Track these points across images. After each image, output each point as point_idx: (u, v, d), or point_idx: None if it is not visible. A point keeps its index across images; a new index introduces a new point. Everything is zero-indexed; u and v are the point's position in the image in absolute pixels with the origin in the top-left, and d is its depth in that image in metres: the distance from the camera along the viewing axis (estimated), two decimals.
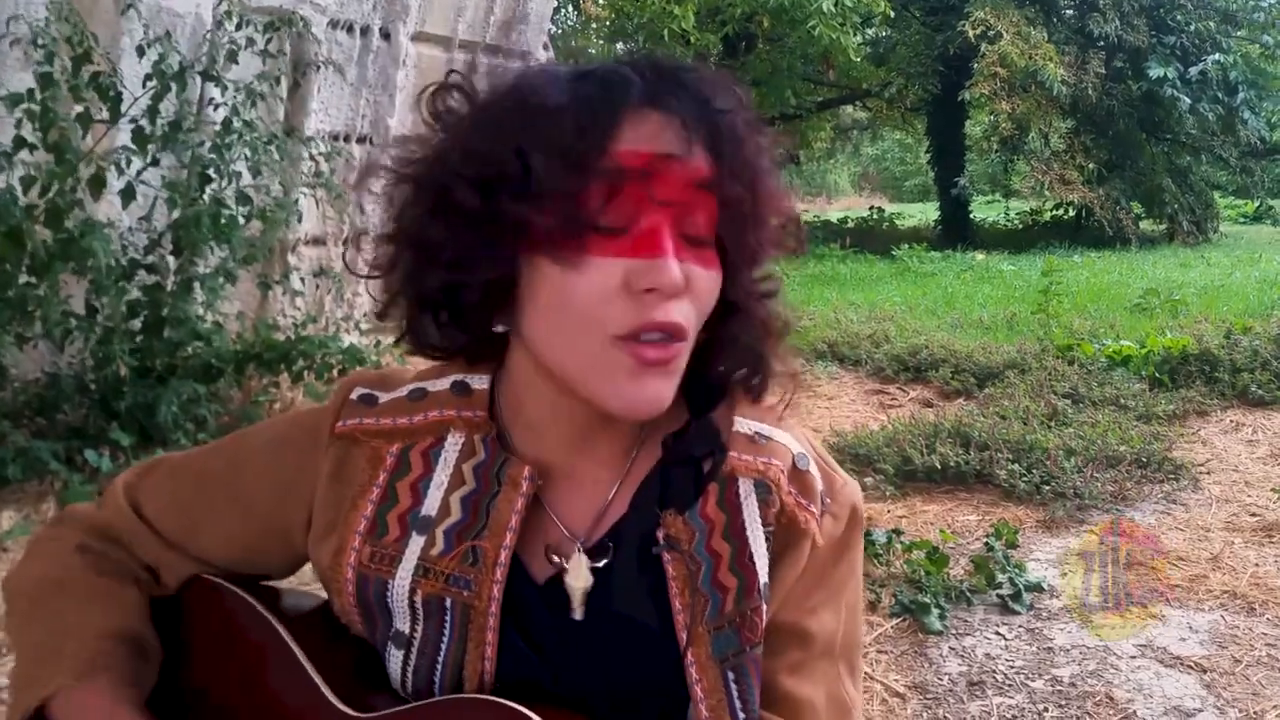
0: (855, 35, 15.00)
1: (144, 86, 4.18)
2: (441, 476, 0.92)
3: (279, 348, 4.74)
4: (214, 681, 1.00)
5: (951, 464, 4.25)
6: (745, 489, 0.91)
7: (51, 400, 4.37)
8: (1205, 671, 2.81)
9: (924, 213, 21.07)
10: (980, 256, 13.22)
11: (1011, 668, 2.87)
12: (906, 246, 13.34)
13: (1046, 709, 2.65)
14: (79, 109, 3.95)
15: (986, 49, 14.23)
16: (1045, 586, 3.32)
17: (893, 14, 14.80)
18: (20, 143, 3.82)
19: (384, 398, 0.97)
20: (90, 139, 4.15)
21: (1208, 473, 4.41)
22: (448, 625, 0.90)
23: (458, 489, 0.91)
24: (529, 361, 0.88)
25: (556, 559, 0.90)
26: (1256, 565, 3.47)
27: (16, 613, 1.00)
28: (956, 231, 16.25)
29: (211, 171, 4.45)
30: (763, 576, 0.89)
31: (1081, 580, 3.40)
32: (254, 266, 4.83)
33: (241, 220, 4.55)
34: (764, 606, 0.88)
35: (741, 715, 0.87)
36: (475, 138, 0.83)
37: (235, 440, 1.06)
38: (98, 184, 4.00)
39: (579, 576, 0.89)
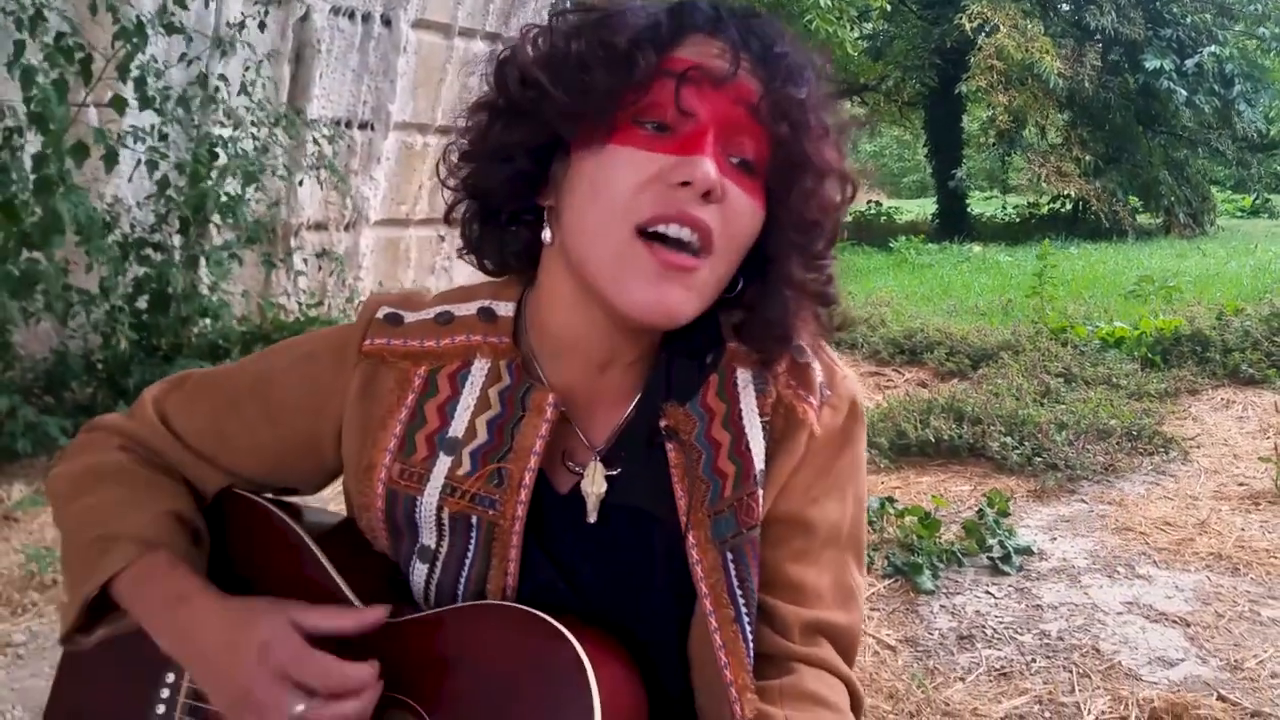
0: (852, 29, 15.06)
1: (112, 47, 4.18)
2: (468, 400, 0.96)
3: (287, 328, 4.81)
4: (253, 589, 1.04)
5: (945, 437, 4.32)
6: (743, 379, 0.95)
7: (59, 377, 4.45)
8: (1189, 625, 2.89)
9: (922, 208, 21.15)
10: (977, 248, 13.30)
11: (1001, 623, 2.94)
12: (904, 239, 13.41)
13: (1034, 660, 2.72)
14: (54, 76, 3.94)
15: (983, 42, 14.31)
16: (1035, 550, 3.40)
17: (889, 8, 14.85)
18: (36, 119, 3.87)
19: (410, 318, 1.00)
20: (74, 110, 4.14)
21: (1197, 446, 4.49)
22: (473, 541, 0.94)
23: (484, 412, 0.95)
24: (561, 273, 0.92)
25: (573, 466, 0.96)
26: (1242, 530, 3.54)
27: (66, 501, 1.02)
28: (954, 224, 16.33)
29: (220, 150, 4.53)
30: (758, 464, 0.92)
31: (1070, 543, 3.48)
32: (258, 247, 4.90)
33: (250, 201, 4.62)
34: (759, 492, 0.92)
35: (739, 592, 0.90)
36: (544, 45, 0.90)
37: (262, 357, 1.09)
38: (78, 151, 3.99)
39: (595, 482, 0.95)
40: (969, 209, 18.19)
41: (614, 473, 0.95)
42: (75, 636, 0.99)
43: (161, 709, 1.02)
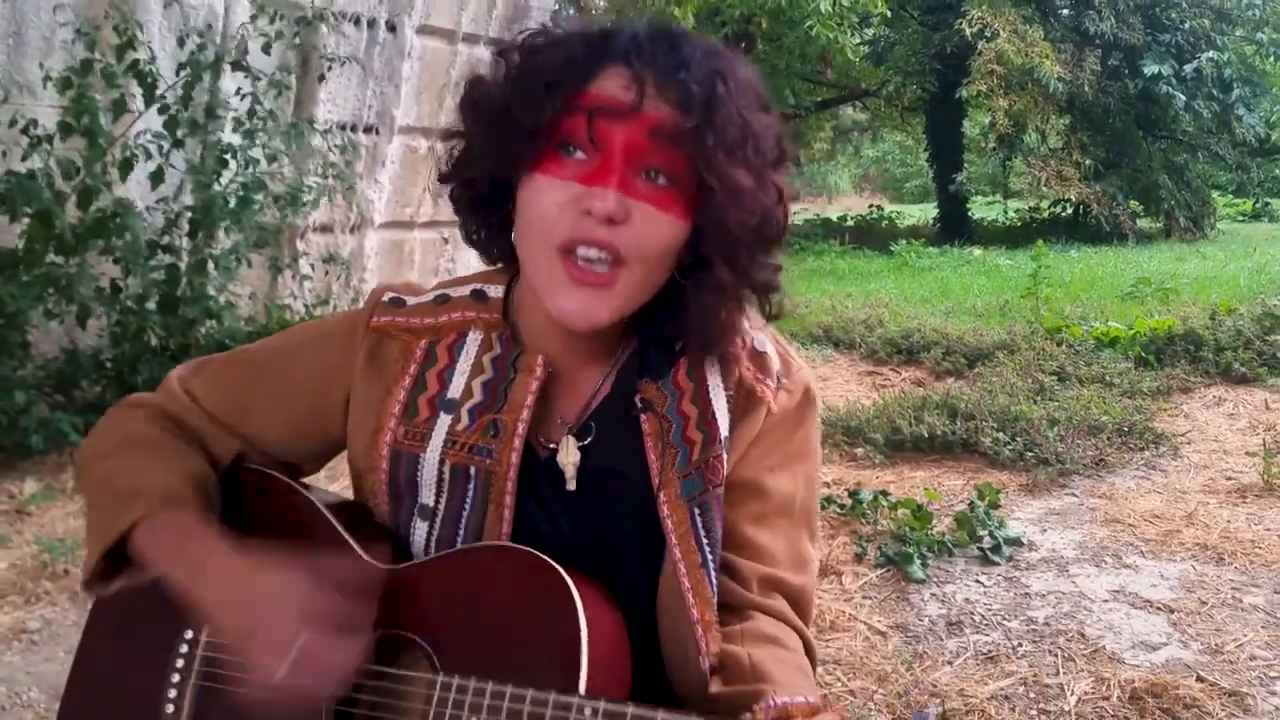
0: (853, 35, 15.15)
1: (177, 75, 4.36)
2: (464, 365, 1.08)
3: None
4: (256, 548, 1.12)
5: (938, 433, 4.40)
6: (710, 361, 1.07)
7: (70, 376, 4.54)
8: (1173, 612, 2.96)
9: (924, 212, 21.22)
10: (978, 252, 13.36)
11: (989, 610, 3.02)
12: (905, 243, 13.49)
13: (1021, 644, 2.80)
14: (114, 95, 4.13)
15: (983, 47, 14.38)
16: (1024, 541, 3.48)
17: (889, 14, 14.95)
18: (66, 128, 4.00)
19: (411, 300, 1.13)
20: (119, 125, 4.33)
21: (1188, 442, 4.56)
22: (470, 492, 1.04)
23: (478, 376, 1.07)
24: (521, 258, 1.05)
25: (545, 441, 1.07)
26: (1228, 522, 3.62)
27: (92, 467, 1.10)
28: (955, 228, 16.39)
29: (229, 157, 4.62)
30: (723, 430, 1.04)
31: (1059, 535, 3.55)
32: (265, 250, 4.99)
33: (257, 205, 4.72)
34: (724, 455, 1.04)
35: (705, 542, 1.02)
36: (492, 77, 1.04)
37: (280, 338, 1.21)
38: (126, 167, 4.20)
39: (569, 454, 1.06)
40: (970, 213, 18.26)
41: (586, 443, 1.06)
42: (95, 586, 1.07)
43: (180, 664, 1.08)
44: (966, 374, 5.71)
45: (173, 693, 1.07)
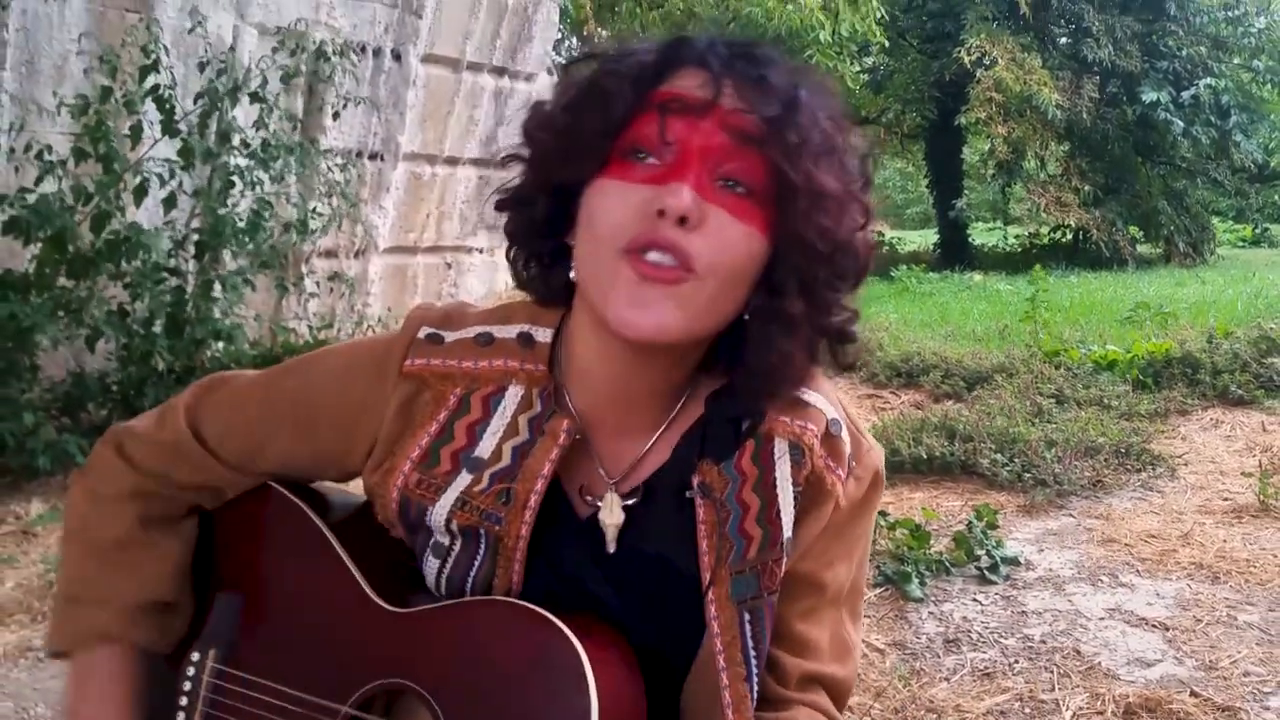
0: (852, 64, 15.30)
1: (194, 103, 4.45)
2: (499, 424, 0.99)
3: (298, 351, 4.95)
4: (270, 578, 1.10)
5: (937, 454, 4.43)
6: (780, 449, 0.97)
7: (77, 398, 4.59)
8: (1168, 630, 2.99)
9: (924, 238, 21.32)
10: (978, 277, 13.43)
11: (986, 628, 3.05)
12: (905, 268, 13.55)
13: (1017, 661, 2.83)
14: (131, 121, 4.22)
15: (982, 75, 14.53)
16: (1022, 561, 3.51)
17: (888, 43, 15.10)
18: (80, 153, 4.08)
19: (450, 337, 1.03)
20: (134, 151, 4.41)
21: (1185, 464, 4.59)
22: (481, 550, 0.99)
23: (511, 439, 0.99)
24: (583, 305, 0.96)
25: (590, 499, 0.99)
26: (1224, 542, 3.65)
27: (67, 534, 1.11)
28: (955, 253, 16.48)
29: (236, 179, 4.70)
30: (787, 531, 0.96)
31: (1056, 555, 3.59)
32: (270, 272, 5.06)
33: (266, 227, 4.79)
34: (785, 559, 0.96)
35: (753, 653, 0.95)
36: (556, 96, 0.98)
37: (300, 366, 1.11)
38: (141, 192, 4.27)
39: (612, 513, 0.98)
40: (970, 239, 18.36)
41: (630, 503, 0.99)
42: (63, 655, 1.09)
43: (188, 686, 1.09)
44: (965, 397, 5.74)
45: (181, 716, 1.08)
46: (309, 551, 1.07)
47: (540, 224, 0.98)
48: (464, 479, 0.99)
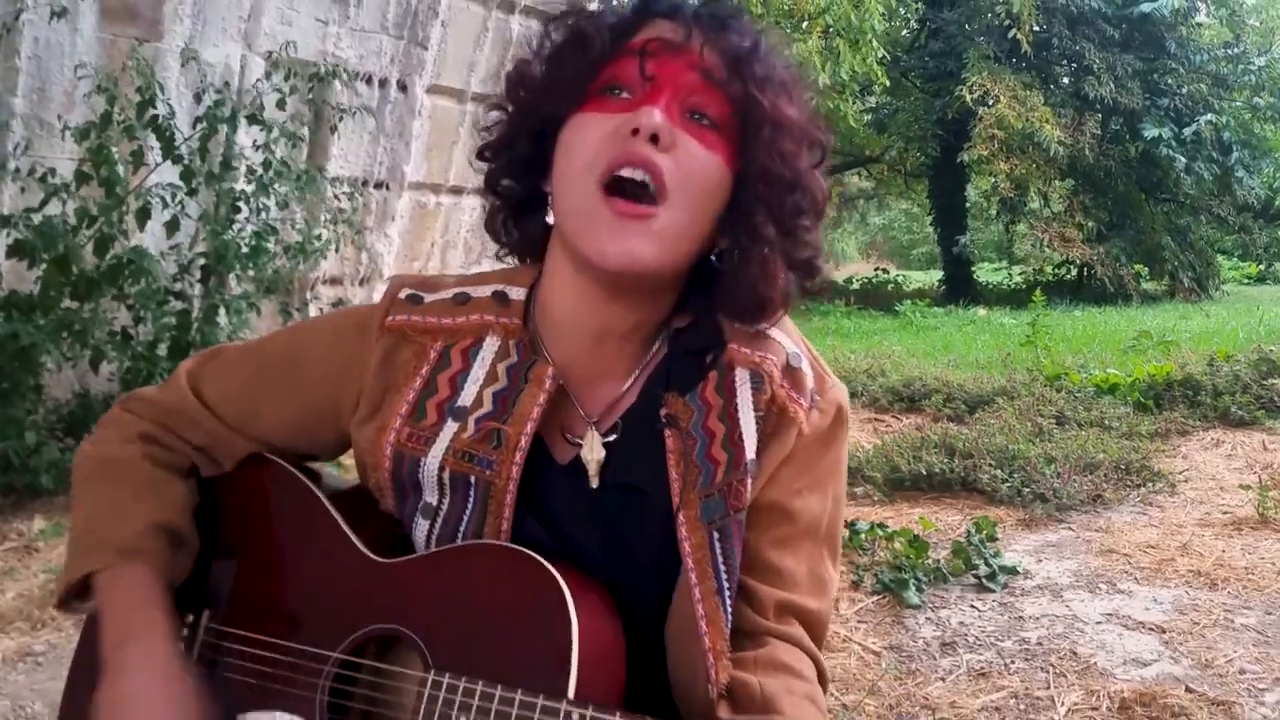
0: (855, 103, 15.46)
1: (194, 128, 4.53)
2: (478, 373, 1.05)
3: None
4: (265, 540, 1.14)
5: (937, 470, 4.44)
6: (741, 377, 1.02)
7: (81, 418, 4.63)
8: (1165, 632, 2.98)
9: (930, 277, 21.39)
10: (982, 312, 13.47)
11: (983, 632, 3.04)
12: (910, 303, 13.60)
13: (1013, 662, 2.83)
14: (132, 146, 4.30)
15: (984, 112, 14.67)
16: (1020, 570, 3.50)
17: (889, 83, 15.26)
18: (83, 177, 4.16)
19: (429, 298, 1.09)
20: (136, 175, 4.49)
21: (1185, 480, 4.59)
22: (470, 499, 1.02)
23: (491, 385, 1.04)
24: (559, 250, 1.03)
25: (571, 437, 1.05)
26: (1223, 552, 3.64)
27: (79, 484, 1.13)
28: (960, 289, 16.54)
29: (242, 204, 4.77)
30: (750, 453, 1.00)
31: (1055, 564, 3.58)
32: (275, 297, 5.11)
33: (270, 251, 4.85)
34: (749, 479, 1.00)
35: (723, 568, 0.98)
36: (534, 53, 1.06)
37: (291, 331, 1.21)
38: (144, 216, 4.34)
39: (593, 450, 1.03)
40: (975, 276, 18.43)
41: (610, 439, 1.04)
42: (71, 604, 1.11)
43: (180, 648, 1.09)
44: (967, 419, 5.74)
45: None
46: (302, 512, 1.11)
47: (519, 165, 1.05)
48: (450, 428, 1.04)
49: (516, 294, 1.07)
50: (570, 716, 0.87)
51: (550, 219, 1.02)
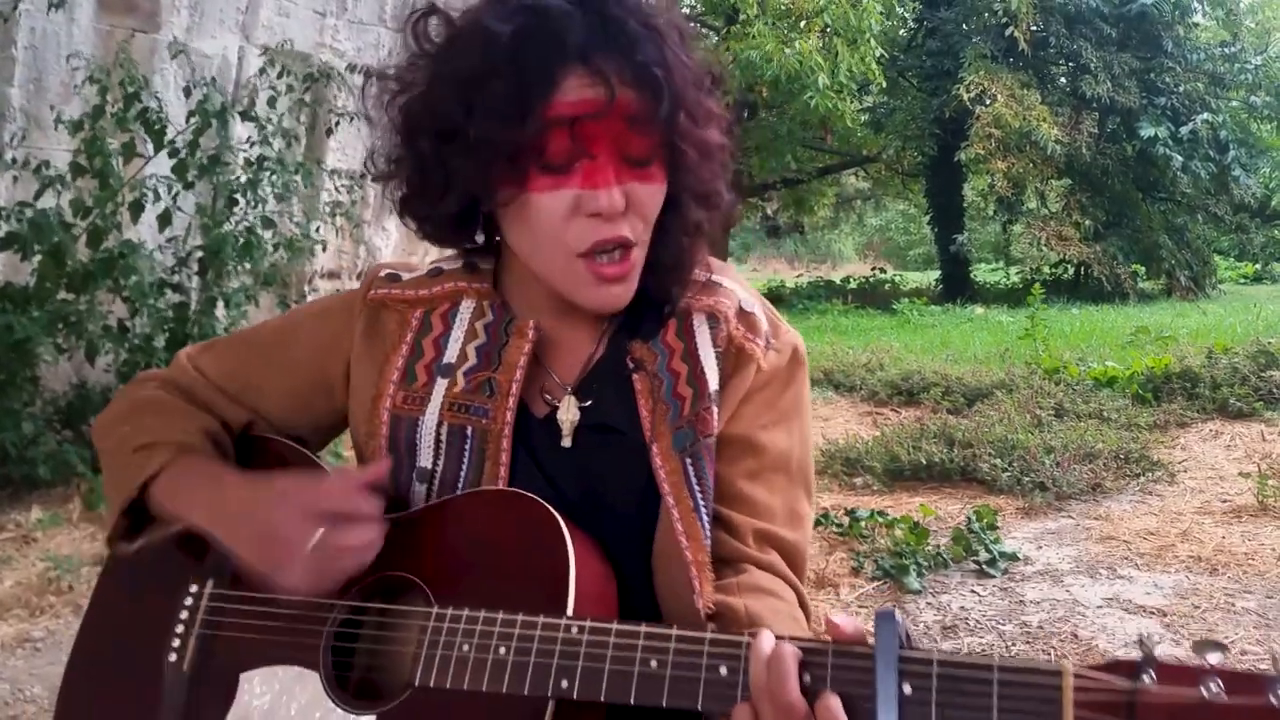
0: (852, 103, 15.46)
1: (186, 122, 4.52)
2: (458, 332, 1.11)
3: None
4: None
5: (936, 460, 4.43)
6: (699, 321, 1.09)
7: (79, 409, 4.62)
8: (1165, 615, 2.98)
9: (927, 277, 21.40)
10: (980, 310, 13.47)
11: (984, 616, 3.04)
12: (907, 301, 13.61)
13: (1014, 644, 2.82)
14: (124, 139, 4.29)
15: (981, 111, 14.68)
16: (1020, 556, 3.50)
17: (886, 83, 15.26)
18: (78, 169, 4.15)
19: (406, 275, 1.15)
20: (129, 168, 4.48)
21: (1184, 470, 4.58)
22: (467, 452, 1.07)
23: (472, 341, 1.10)
24: (518, 258, 1.07)
25: (549, 398, 1.09)
26: (1223, 539, 3.64)
27: (110, 435, 1.14)
28: (957, 288, 16.55)
29: (239, 196, 4.75)
30: (713, 385, 1.06)
31: (1055, 551, 3.58)
32: (273, 289, 5.10)
33: (268, 245, 4.84)
34: (714, 408, 1.05)
35: (697, 489, 1.03)
36: (435, 89, 1.00)
37: (283, 317, 1.27)
38: (137, 208, 4.33)
39: (568, 412, 1.08)
40: (972, 275, 18.43)
41: (586, 404, 1.08)
42: (119, 543, 1.11)
43: (185, 615, 1.11)
44: (965, 412, 5.74)
45: (176, 641, 1.10)
46: (302, 471, 1.12)
47: (454, 222, 1.07)
48: (441, 385, 1.09)
49: (485, 264, 1.14)
50: (570, 629, 0.89)
51: (480, 238, 1.09)
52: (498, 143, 0.95)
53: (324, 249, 5.48)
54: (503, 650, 0.91)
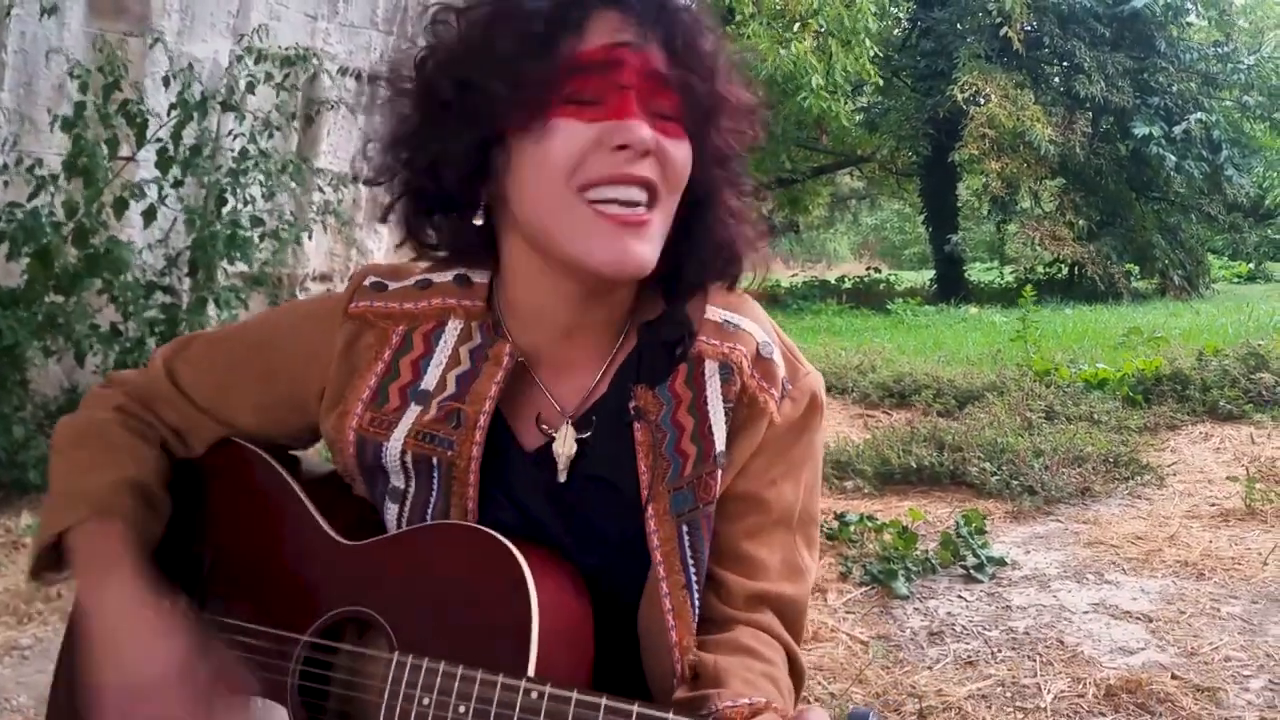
0: (847, 103, 15.45)
1: (168, 115, 4.51)
2: (441, 356, 1.04)
3: None
4: (235, 527, 1.14)
5: (926, 464, 4.44)
6: (710, 370, 1.01)
7: (69, 413, 4.61)
8: (1151, 621, 2.99)
9: (922, 277, 21.41)
10: (973, 310, 13.48)
11: (971, 622, 3.05)
12: (901, 301, 13.62)
13: (1000, 650, 2.83)
14: (106, 135, 4.27)
15: (975, 111, 14.69)
16: (1008, 561, 3.51)
17: (882, 82, 15.26)
18: (70, 167, 4.14)
19: (393, 285, 1.08)
20: (115, 164, 4.47)
21: (1174, 473, 4.60)
22: (435, 482, 1.02)
23: (454, 368, 1.03)
24: (521, 250, 1.00)
25: (546, 428, 1.03)
26: (1210, 543, 3.65)
27: (54, 453, 1.14)
28: (951, 287, 16.56)
29: (227, 194, 4.74)
30: (719, 445, 0.99)
31: (1043, 556, 3.59)
32: (263, 289, 5.10)
33: (256, 240, 4.83)
34: (719, 472, 0.99)
35: (690, 562, 0.98)
36: (458, 42, 0.97)
37: (262, 319, 1.20)
38: (121, 206, 4.32)
39: (565, 444, 1.02)
40: (966, 275, 18.45)
41: (585, 436, 1.02)
42: (44, 574, 1.10)
43: None
44: (957, 414, 5.75)
45: None
46: (270, 497, 1.11)
47: (455, 172, 0.98)
48: (413, 412, 1.03)
49: (479, 277, 1.06)
50: (529, 694, 0.87)
51: (479, 220, 1.00)
52: (527, 70, 0.92)
53: (310, 237, 5.46)
54: (461, 709, 0.89)
